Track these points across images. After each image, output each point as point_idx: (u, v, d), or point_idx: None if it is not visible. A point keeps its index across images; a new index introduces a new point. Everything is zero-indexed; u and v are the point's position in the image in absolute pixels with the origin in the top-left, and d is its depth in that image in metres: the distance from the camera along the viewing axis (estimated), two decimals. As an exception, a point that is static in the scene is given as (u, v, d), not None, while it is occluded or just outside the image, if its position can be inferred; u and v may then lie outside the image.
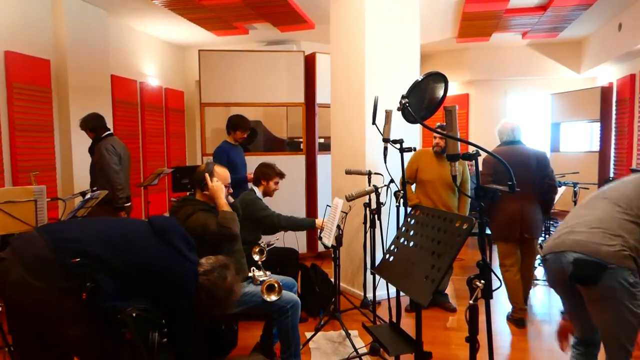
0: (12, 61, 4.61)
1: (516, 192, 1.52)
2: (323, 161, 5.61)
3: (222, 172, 2.63)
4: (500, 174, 3.44)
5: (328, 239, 3.32)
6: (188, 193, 2.80)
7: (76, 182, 5.16)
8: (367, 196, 3.43)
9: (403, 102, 1.66)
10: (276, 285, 2.56)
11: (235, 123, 4.34)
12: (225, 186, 2.61)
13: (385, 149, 2.74)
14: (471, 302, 1.59)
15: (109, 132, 4.33)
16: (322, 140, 5.77)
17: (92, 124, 4.30)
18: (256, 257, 3.07)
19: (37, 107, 4.90)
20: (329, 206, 3.59)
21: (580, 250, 1.80)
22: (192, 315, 1.88)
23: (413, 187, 3.96)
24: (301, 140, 5.74)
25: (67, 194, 4.96)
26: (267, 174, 3.50)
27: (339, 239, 3.37)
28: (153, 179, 5.50)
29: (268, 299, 2.53)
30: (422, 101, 1.77)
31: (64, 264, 1.57)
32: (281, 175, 3.55)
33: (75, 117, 5.23)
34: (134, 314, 1.92)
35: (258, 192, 3.48)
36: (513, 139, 3.66)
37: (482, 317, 1.63)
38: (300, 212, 5.46)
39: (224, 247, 2.47)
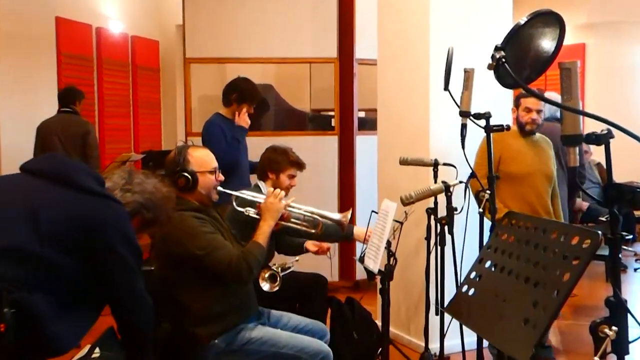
0: None
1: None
2: (365, 145, 5.61)
3: (201, 156, 2.70)
4: None
5: (374, 260, 3.31)
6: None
7: (5, 162, 5.34)
8: (433, 198, 3.41)
9: (498, 56, 1.63)
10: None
11: (245, 92, 4.29)
12: (210, 172, 2.69)
13: (464, 127, 2.72)
14: (597, 358, 1.57)
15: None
16: (363, 114, 5.78)
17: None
18: (265, 286, 3.09)
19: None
20: (375, 212, 3.58)
21: None
22: (144, 285, 2.05)
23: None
24: (332, 113, 5.76)
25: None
26: (277, 162, 3.48)
27: (390, 268, 3.33)
28: (115, 168, 5.61)
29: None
30: (524, 55, 1.75)
31: None
32: (299, 166, 3.53)
33: (5, 76, 5.35)
34: (93, 355, 2.02)
35: (265, 188, 3.48)
36: None
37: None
38: (330, 220, 5.48)
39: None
